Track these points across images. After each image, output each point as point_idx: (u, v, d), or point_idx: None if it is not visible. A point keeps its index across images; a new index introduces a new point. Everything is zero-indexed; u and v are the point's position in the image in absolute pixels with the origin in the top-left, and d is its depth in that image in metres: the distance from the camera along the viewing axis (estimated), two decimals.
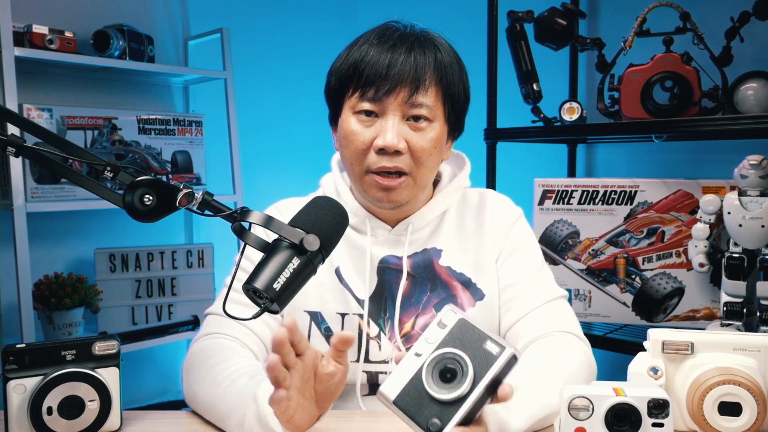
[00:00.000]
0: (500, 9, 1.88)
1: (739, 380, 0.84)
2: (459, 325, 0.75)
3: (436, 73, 1.06)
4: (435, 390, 0.72)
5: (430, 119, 1.06)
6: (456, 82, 1.09)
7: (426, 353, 0.74)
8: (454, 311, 0.76)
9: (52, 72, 2.14)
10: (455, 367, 0.73)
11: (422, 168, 1.07)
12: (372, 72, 1.04)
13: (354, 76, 1.06)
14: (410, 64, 1.04)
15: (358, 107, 1.06)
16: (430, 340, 0.75)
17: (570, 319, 1.10)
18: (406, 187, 1.07)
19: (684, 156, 1.99)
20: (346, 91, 1.08)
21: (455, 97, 1.09)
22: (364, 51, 1.06)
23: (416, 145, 1.05)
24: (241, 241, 0.83)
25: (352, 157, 1.08)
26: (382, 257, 1.13)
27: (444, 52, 1.08)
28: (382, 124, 1.05)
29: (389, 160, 1.04)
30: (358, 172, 1.08)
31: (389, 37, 1.06)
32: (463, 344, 0.74)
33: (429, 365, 0.74)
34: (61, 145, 0.85)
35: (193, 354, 1.05)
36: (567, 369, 0.99)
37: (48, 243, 2.16)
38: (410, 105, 1.04)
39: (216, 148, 2.42)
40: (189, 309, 2.30)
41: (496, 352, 0.72)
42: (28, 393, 0.89)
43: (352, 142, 1.07)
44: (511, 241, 1.15)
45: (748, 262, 1.48)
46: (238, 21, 2.53)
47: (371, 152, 1.05)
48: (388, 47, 1.05)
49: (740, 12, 1.60)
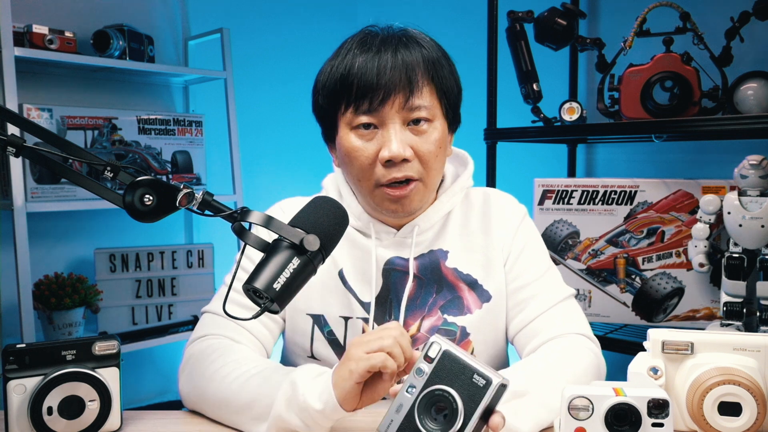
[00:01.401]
0: (500, 9, 1.88)
1: (739, 380, 0.84)
2: (444, 358, 0.76)
3: (427, 71, 1.03)
4: (428, 428, 0.74)
5: (430, 119, 1.04)
6: (447, 76, 1.07)
7: (416, 389, 0.76)
8: (439, 342, 0.77)
9: (52, 72, 2.14)
10: (445, 404, 0.74)
11: (431, 171, 1.06)
12: (362, 83, 1.00)
13: (344, 91, 1.02)
14: (399, 67, 1.00)
15: (356, 122, 1.03)
16: (419, 374, 0.76)
17: (579, 320, 1.10)
18: (418, 193, 1.06)
19: (684, 156, 1.99)
20: (338, 108, 1.04)
21: (449, 91, 1.07)
22: (348, 62, 1.02)
23: (422, 150, 1.03)
24: (241, 241, 0.83)
25: (358, 173, 1.05)
26: (388, 259, 1.12)
27: (428, 47, 1.06)
28: (384, 135, 1.02)
29: (398, 170, 1.02)
30: (368, 188, 1.06)
31: (371, 43, 1.03)
32: (451, 379, 0.75)
33: (420, 403, 0.75)
34: (61, 145, 0.85)
35: (193, 354, 1.05)
36: (576, 372, 0.99)
37: (48, 243, 2.16)
38: (408, 110, 1.02)
39: (216, 148, 2.42)
40: (189, 309, 2.30)
41: (483, 385, 0.73)
42: (28, 393, 0.89)
43: (356, 159, 1.04)
44: (519, 242, 1.14)
45: (748, 262, 1.48)
46: (238, 21, 2.53)
47: (378, 165, 1.03)
48: (372, 54, 1.01)
49: (740, 12, 1.60)
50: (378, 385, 0.85)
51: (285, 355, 1.18)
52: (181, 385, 1.05)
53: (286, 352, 1.18)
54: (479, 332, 1.10)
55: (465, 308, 1.10)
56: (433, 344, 0.77)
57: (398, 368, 0.84)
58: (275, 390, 0.89)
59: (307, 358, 1.12)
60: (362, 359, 0.83)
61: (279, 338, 1.16)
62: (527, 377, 0.95)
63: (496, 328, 1.12)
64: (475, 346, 1.10)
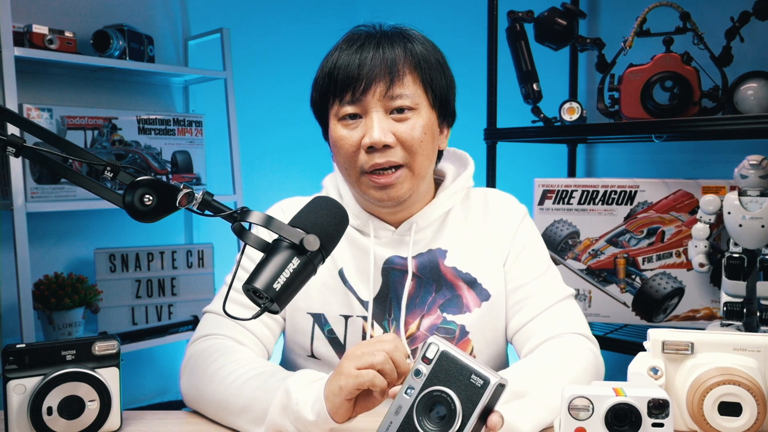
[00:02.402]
0: (500, 9, 1.88)
1: (739, 380, 0.84)
2: (442, 358, 0.76)
3: (409, 62, 1.06)
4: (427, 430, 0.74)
5: (413, 108, 1.05)
6: (433, 67, 1.08)
7: (415, 390, 0.76)
8: (437, 343, 0.77)
9: (52, 72, 2.14)
10: (444, 404, 0.74)
11: (417, 157, 1.06)
12: (344, 75, 1.04)
13: (330, 85, 1.06)
14: (380, 58, 1.04)
15: (341, 113, 1.06)
16: (417, 375, 0.76)
17: (578, 319, 1.10)
18: (404, 180, 1.06)
19: (684, 156, 1.99)
20: (327, 101, 1.08)
21: (435, 82, 1.08)
22: (335, 58, 1.07)
23: (405, 136, 1.04)
24: (241, 241, 0.83)
25: (344, 161, 1.08)
26: (387, 258, 1.12)
27: (415, 41, 1.08)
28: (367, 123, 1.04)
29: (380, 156, 1.04)
30: (354, 176, 1.08)
31: (356, 40, 1.07)
32: (449, 380, 0.75)
33: (418, 405, 0.75)
34: (61, 145, 0.84)
35: (195, 354, 1.05)
36: (576, 372, 1.00)
37: (48, 243, 2.16)
38: (389, 98, 1.04)
39: (216, 148, 2.42)
40: (189, 309, 2.30)
41: (481, 385, 0.73)
42: (28, 393, 0.89)
43: (341, 147, 1.07)
44: (519, 241, 1.15)
45: (748, 262, 1.48)
46: (238, 21, 2.53)
47: (361, 152, 1.05)
48: (355, 49, 1.05)
49: (740, 12, 1.60)
50: (371, 397, 0.86)
51: (285, 355, 1.19)
52: (182, 384, 1.05)
53: (287, 351, 1.18)
54: (478, 331, 1.10)
55: (464, 307, 1.10)
56: (430, 345, 0.77)
57: (391, 384, 0.84)
58: (270, 395, 0.90)
59: (308, 358, 1.12)
60: (351, 376, 0.83)
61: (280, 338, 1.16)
62: (528, 377, 0.96)
63: (496, 327, 1.12)
64: (475, 345, 1.10)
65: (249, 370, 0.97)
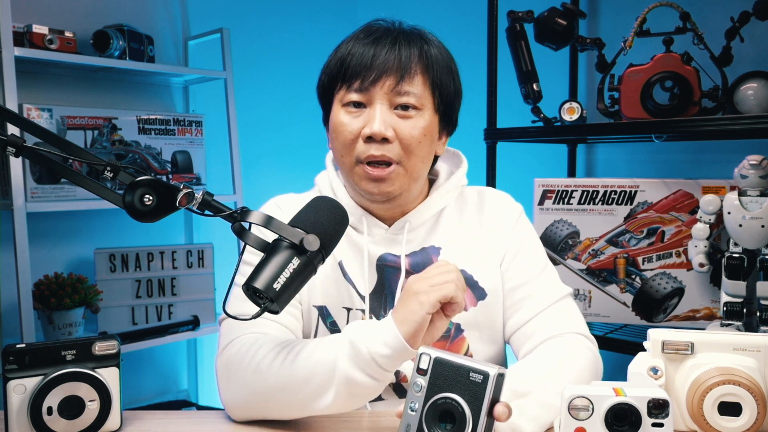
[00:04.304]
0: (500, 9, 1.88)
1: (739, 380, 0.84)
2: (436, 366, 0.76)
3: (422, 63, 1.06)
4: None
5: (418, 107, 1.06)
6: (444, 72, 1.09)
7: (419, 404, 0.76)
8: (428, 353, 0.77)
9: (52, 72, 2.14)
10: (451, 409, 0.74)
11: (412, 157, 1.06)
12: (357, 63, 1.05)
13: (341, 71, 1.07)
14: (395, 53, 1.04)
15: (346, 99, 1.06)
16: (417, 389, 0.76)
17: (577, 319, 1.10)
18: (397, 178, 1.06)
19: (684, 156, 1.99)
20: (335, 86, 1.09)
21: (443, 87, 1.08)
22: (350, 46, 1.07)
23: (404, 133, 1.05)
24: (241, 241, 0.83)
25: (341, 148, 1.08)
26: (380, 255, 1.12)
27: (431, 45, 1.09)
28: (370, 113, 1.05)
29: (377, 149, 1.04)
30: (348, 164, 1.08)
31: (374, 32, 1.08)
32: (449, 384, 0.75)
33: (426, 418, 0.75)
34: (61, 145, 0.85)
35: (229, 361, 1.00)
36: (576, 372, 1.00)
37: (48, 243, 2.16)
38: (396, 93, 1.04)
39: (216, 148, 2.41)
40: (189, 309, 2.29)
41: (481, 380, 0.73)
42: (28, 393, 0.89)
43: (340, 134, 1.07)
44: (515, 241, 1.14)
45: (748, 262, 1.48)
46: (238, 21, 2.53)
47: (359, 141, 1.05)
48: (372, 40, 1.06)
49: (740, 12, 1.60)
50: (436, 322, 0.87)
51: None
52: (226, 397, 1.00)
53: None
54: (474, 329, 1.10)
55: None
56: (422, 356, 0.77)
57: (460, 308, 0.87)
58: (332, 354, 0.89)
59: None
60: (432, 290, 0.85)
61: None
62: (528, 377, 0.95)
63: (492, 326, 1.12)
64: (470, 343, 1.10)
65: (291, 348, 0.94)
